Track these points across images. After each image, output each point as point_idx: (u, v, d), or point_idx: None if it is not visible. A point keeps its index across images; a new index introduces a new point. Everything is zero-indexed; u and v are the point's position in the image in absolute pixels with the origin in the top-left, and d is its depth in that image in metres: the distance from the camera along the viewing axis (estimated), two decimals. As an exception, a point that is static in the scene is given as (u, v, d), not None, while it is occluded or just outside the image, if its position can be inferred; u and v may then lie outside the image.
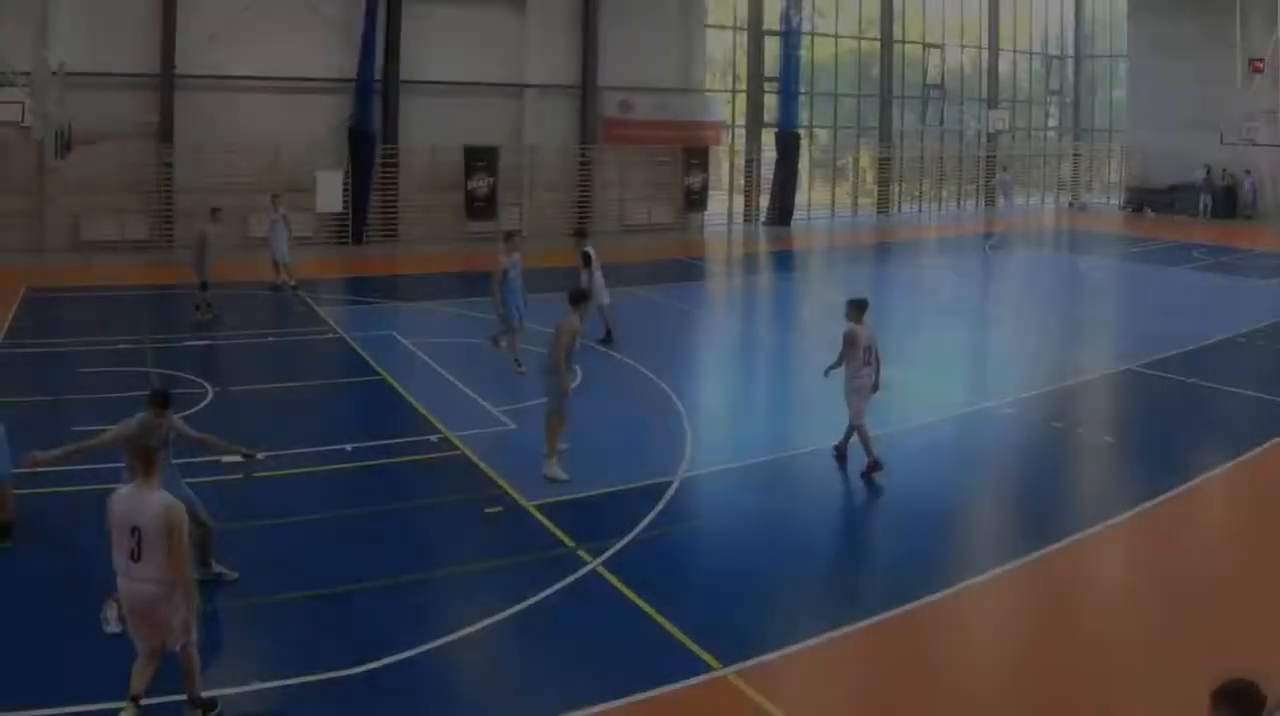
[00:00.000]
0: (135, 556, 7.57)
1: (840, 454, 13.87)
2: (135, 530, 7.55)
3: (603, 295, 19.65)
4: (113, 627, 8.30)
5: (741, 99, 43.25)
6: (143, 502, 7.61)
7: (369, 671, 8.54)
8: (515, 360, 17.92)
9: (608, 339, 20.11)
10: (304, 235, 32.81)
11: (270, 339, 20.53)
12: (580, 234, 20.83)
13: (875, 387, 13.72)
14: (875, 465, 13.26)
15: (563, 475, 12.97)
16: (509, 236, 19.00)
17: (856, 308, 13.57)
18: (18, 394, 15.35)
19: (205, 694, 7.92)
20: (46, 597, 9.76)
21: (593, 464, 13.40)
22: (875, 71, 46.99)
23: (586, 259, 19.61)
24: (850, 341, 13.46)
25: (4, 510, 10.80)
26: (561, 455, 13.22)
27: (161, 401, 9.67)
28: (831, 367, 13.74)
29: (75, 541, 10.40)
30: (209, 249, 22.22)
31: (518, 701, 8.45)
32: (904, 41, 47.55)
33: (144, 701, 7.58)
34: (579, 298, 13.86)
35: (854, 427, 13.54)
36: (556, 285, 22.57)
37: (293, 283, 25.56)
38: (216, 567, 10.06)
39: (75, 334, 20.87)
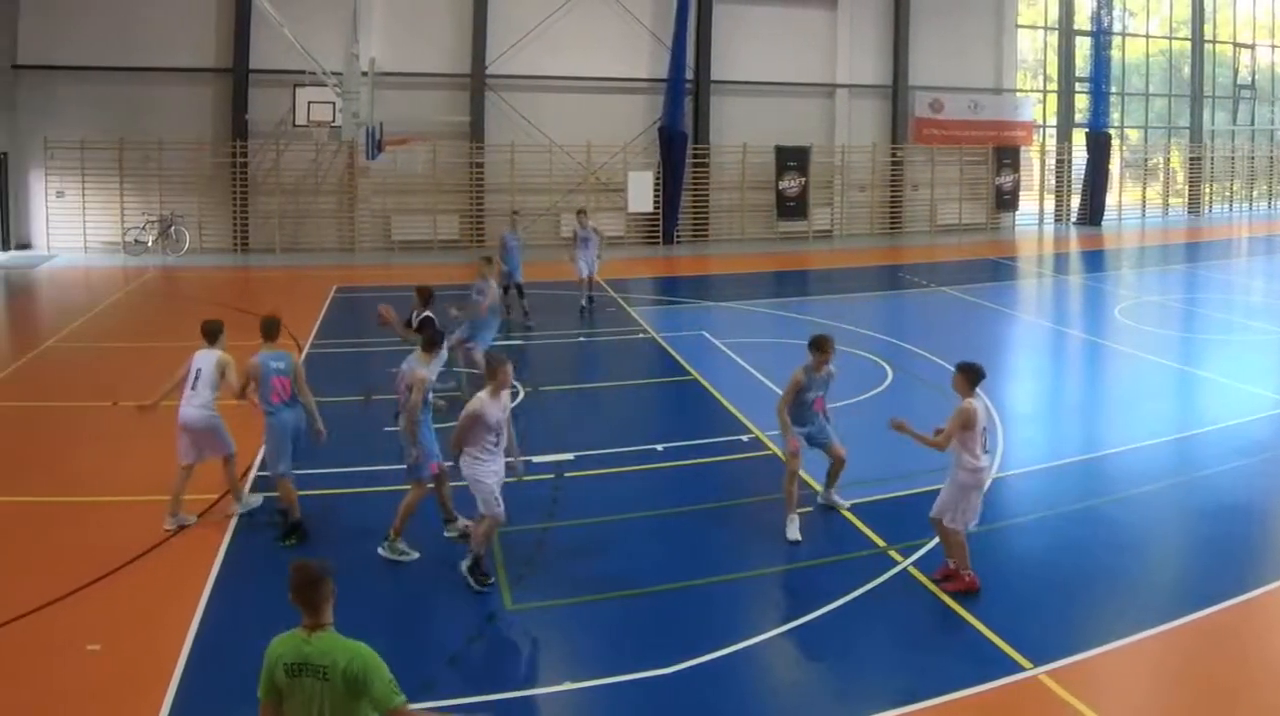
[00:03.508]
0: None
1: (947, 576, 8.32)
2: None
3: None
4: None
5: (1052, 99, 36.25)
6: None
7: (682, 671, 7.07)
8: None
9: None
10: (616, 235, 27.78)
11: (581, 338, 17.60)
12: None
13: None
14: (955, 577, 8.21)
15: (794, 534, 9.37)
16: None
17: (967, 378, 8.16)
18: (327, 393, 13.55)
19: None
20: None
21: (903, 463, 11.06)
22: (1186, 71, 39.07)
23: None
24: (965, 421, 7.95)
25: (290, 508, 9.24)
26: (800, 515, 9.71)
27: (430, 342, 9.21)
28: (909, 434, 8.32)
29: (359, 539, 9.02)
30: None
31: (830, 701, 6.98)
32: (1215, 41, 39.37)
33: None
34: (813, 344, 9.68)
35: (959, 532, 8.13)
36: (867, 286, 22.42)
37: (590, 295, 19.97)
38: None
39: (384, 333, 18.31)
